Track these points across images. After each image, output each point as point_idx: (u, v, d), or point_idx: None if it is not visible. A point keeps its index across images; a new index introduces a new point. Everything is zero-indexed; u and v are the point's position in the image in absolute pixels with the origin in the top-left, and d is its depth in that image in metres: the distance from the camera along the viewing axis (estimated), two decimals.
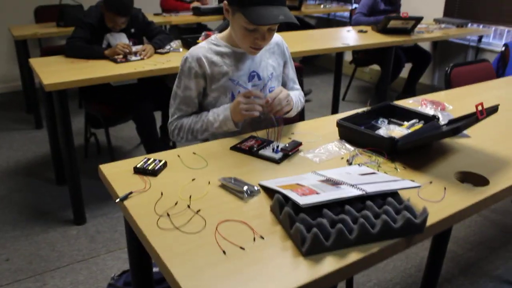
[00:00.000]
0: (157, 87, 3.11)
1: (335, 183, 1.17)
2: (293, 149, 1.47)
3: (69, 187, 2.64)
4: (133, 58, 2.76)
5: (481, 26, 4.47)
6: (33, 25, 4.44)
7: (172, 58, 2.82)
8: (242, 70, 1.68)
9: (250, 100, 1.54)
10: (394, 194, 1.15)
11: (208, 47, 1.66)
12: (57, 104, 2.44)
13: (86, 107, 3.16)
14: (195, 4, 4.91)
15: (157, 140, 2.97)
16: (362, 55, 4.60)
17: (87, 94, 3.09)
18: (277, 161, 1.41)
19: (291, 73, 1.87)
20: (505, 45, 3.43)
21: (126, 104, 2.92)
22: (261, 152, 1.45)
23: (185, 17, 4.60)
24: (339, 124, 1.55)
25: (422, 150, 1.51)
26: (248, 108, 1.53)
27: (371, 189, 1.09)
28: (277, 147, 1.47)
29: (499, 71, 3.33)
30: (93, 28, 2.92)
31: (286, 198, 1.10)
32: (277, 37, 1.77)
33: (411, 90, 4.70)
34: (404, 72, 4.59)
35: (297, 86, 1.91)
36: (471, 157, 1.48)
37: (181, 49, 3.04)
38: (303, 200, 1.03)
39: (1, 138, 3.92)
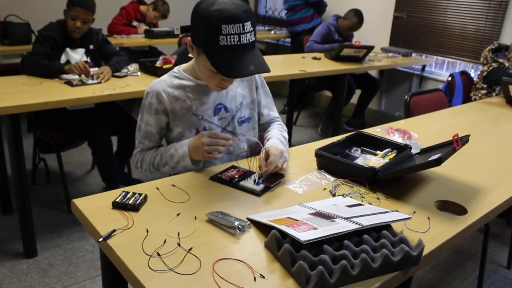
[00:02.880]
0: (113, 112, 3.00)
1: (327, 217, 1.16)
2: (275, 181, 1.44)
3: (19, 217, 2.46)
4: (90, 81, 2.65)
5: (423, 56, 4.70)
6: None
7: (131, 82, 2.74)
8: (206, 104, 1.60)
9: (214, 140, 1.45)
10: (387, 226, 1.16)
11: (170, 81, 1.59)
12: (9, 128, 2.29)
13: (36, 131, 2.98)
14: (145, 27, 4.84)
15: (114, 166, 2.85)
16: (314, 81, 4.70)
17: (38, 118, 2.93)
18: (258, 194, 1.38)
19: (264, 99, 1.78)
20: (451, 75, 3.61)
21: (81, 129, 2.79)
22: (242, 183, 1.42)
23: (137, 40, 4.51)
24: (318, 155, 1.55)
25: (399, 179, 1.53)
26: (210, 150, 1.45)
27: (366, 222, 1.09)
28: (259, 178, 1.44)
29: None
30: (53, 41, 2.81)
31: (282, 234, 1.07)
32: None
33: (360, 115, 4.84)
34: (353, 98, 4.73)
35: (274, 112, 1.82)
36: (445, 185, 1.53)
37: (139, 73, 2.96)
38: (303, 237, 1.01)
39: None
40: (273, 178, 1.45)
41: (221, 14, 1.32)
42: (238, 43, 1.34)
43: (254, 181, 1.43)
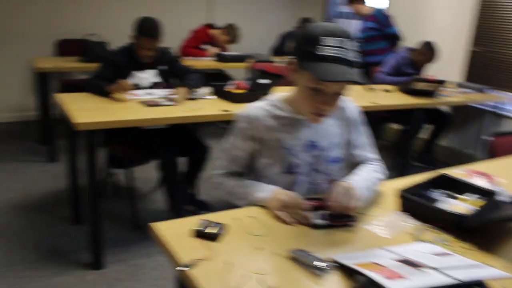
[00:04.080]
0: (184, 133, 3.05)
1: (415, 265, 1.09)
2: (340, 222, 1.37)
3: (90, 228, 2.54)
4: (166, 102, 2.71)
5: (498, 92, 4.50)
6: (53, 58, 4.43)
7: (204, 105, 2.78)
8: (299, 139, 1.57)
9: (293, 210, 1.39)
10: (479, 283, 1.08)
11: (266, 109, 1.58)
12: (86, 142, 2.38)
13: (109, 146, 3.08)
14: (214, 50, 4.94)
15: (179, 189, 2.88)
16: (382, 113, 4.59)
17: (112, 134, 3.02)
18: (315, 227, 1.34)
19: (361, 138, 1.70)
20: None
21: (152, 149, 2.85)
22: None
23: (207, 62, 4.62)
24: (403, 197, 1.49)
25: (490, 228, 1.44)
26: (284, 216, 1.39)
27: (462, 276, 1.02)
28: (327, 213, 1.38)
29: None
30: (118, 65, 2.91)
31: (370, 280, 1.02)
32: (346, 100, 1.65)
33: (429, 150, 4.68)
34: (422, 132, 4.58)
35: (371, 154, 1.72)
36: None
37: (211, 96, 3.01)
38: (394, 286, 0.95)
39: (14, 169, 3.83)
40: (340, 218, 1.38)
41: (323, 28, 1.39)
42: (337, 54, 1.36)
43: (322, 215, 1.38)
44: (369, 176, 1.61)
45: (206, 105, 2.80)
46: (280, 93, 1.64)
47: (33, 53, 4.88)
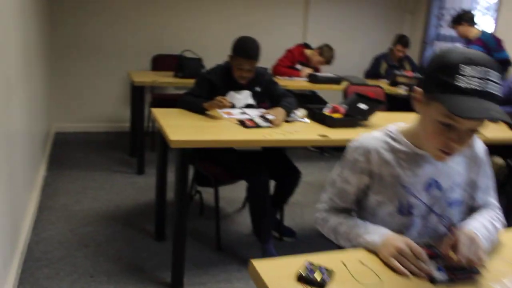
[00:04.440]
0: (277, 156, 2.93)
1: None
2: (463, 275, 1.17)
3: (173, 247, 2.47)
4: (263, 123, 2.61)
5: None
6: (150, 72, 4.55)
7: (300, 129, 2.64)
8: (418, 177, 1.38)
9: (409, 260, 1.19)
10: None
11: (384, 141, 1.40)
12: (178, 160, 2.32)
13: (197, 164, 3.03)
14: (308, 70, 4.82)
15: (267, 215, 2.74)
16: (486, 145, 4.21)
17: (202, 151, 2.97)
18: (434, 281, 1.14)
19: (486, 181, 1.49)
20: None
21: (243, 171, 2.76)
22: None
23: (300, 83, 4.51)
24: None
25: None
26: (400, 262, 1.19)
27: None
28: (443, 265, 1.19)
29: None
30: (213, 84, 2.86)
31: None
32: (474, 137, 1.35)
33: None
34: None
35: (491, 199, 1.52)
36: None
37: (306, 119, 2.87)
38: None
39: (104, 179, 3.92)
40: (462, 271, 1.18)
41: (462, 55, 1.17)
42: (479, 87, 1.15)
43: (438, 267, 1.18)
44: (490, 225, 1.38)
45: (302, 128, 2.66)
46: (398, 124, 1.45)
47: (131, 66, 5.07)
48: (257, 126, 2.57)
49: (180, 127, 2.43)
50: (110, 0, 5.00)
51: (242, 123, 2.58)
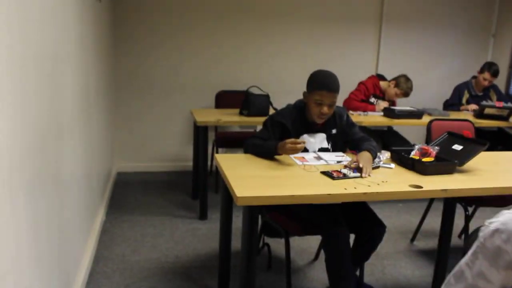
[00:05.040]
0: (358, 207, 2.52)
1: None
2: None
3: None
4: (352, 174, 2.22)
5: None
6: (213, 110, 4.31)
7: (388, 178, 2.23)
8: None
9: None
10: None
11: None
12: (246, 219, 1.98)
13: (265, 214, 2.68)
14: (384, 104, 4.40)
15: (347, 276, 2.32)
16: None
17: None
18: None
19: None
20: None
21: (318, 224, 2.38)
22: None
23: (375, 119, 4.09)
24: None
25: None
26: None
27: None
28: None
29: None
30: (284, 127, 2.53)
31: None
32: None
33: None
34: None
35: None
36: None
37: (392, 165, 2.46)
38: None
39: (164, 225, 3.66)
40: None
41: None
42: None
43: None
44: None
45: (390, 177, 2.24)
46: None
47: (194, 103, 4.88)
48: (345, 176, 2.19)
49: (247, 178, 2.10)
50: (172, 33, 4.85)
51: (328, 174, 2.21)
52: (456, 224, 2.73)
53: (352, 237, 2.45)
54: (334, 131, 2.64)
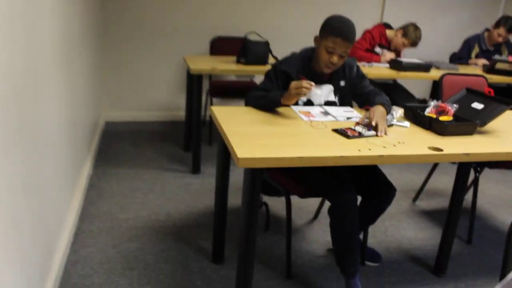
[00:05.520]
0: (368, 170, 2.32)
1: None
2: None
3: (237, 275, 1.96)
4: (367, 132, 1.99)
5: None
6: (208, 57, 4.01)
7: (405, 138, 2.01)
8: None
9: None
10: None
11: None
12: (248, 181, 1.77)
13: (268, 173, 2.46)
14: (390, 55, 4.14)
15: (354, 243, 2.14)
16: None
17: None
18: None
19: None
20: None
21: (323, 188, 2.18)
22: None
23: (381, 71, 3.82)
24: None
25: None
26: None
27: None
28: None
29: None
30: (288, 77, 2.28)
31: None
32: None
33: None
34: None
35: None
36: None
37: (407, 123, 2.24)
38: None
39: (154, 179, 3.46)
40: None
41: None
42: None
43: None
44: None
45: (406, 137, 2.02)
46: None
47: (188, 50, 4.58)
48: (360, 135, 1.96)
49: (248, 135, 1.87)
50: None
51: (341, 132, 1.97)
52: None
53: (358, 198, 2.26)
54: (342, 83, 2.40)
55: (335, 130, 2.00)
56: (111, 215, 2.87)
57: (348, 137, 1.92)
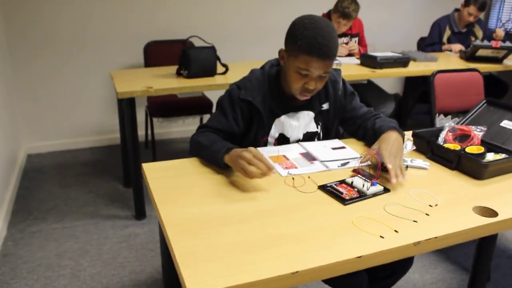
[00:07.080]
0: None
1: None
2: None
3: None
4: (372, 188, 1.31)
5: None
6: (141, 71, 3.22)
7: (433, 194, 1.38)
8: None
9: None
10: None
11: None
12: None
13: None
14: (351, 44, 3.58)
15: None
16: None
17: None
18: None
19: None
20: None
21: None
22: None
23: (351, 70, 3.20)
24: None
25: None
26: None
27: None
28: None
29: None
30: (251, 107, 1.62)
31: None
32: None
33: None
34: None
35: None
36: None
37: (426, 164, 1.61)
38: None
39: (89, 233, 2.72)
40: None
41: None
42: None
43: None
44: None
45: (434, 190, 1.39)
46: None
47: (118, 61, 3.83)
48: (362, 196, 1.31)
49: (195, 224, 1.17)
50: None
51: (333, 192, 1.31)
52: None
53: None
54: (325, 106, 1.74)
55: (323, 188, 1.34)
56: None
57: (344, 201, 1.27)
